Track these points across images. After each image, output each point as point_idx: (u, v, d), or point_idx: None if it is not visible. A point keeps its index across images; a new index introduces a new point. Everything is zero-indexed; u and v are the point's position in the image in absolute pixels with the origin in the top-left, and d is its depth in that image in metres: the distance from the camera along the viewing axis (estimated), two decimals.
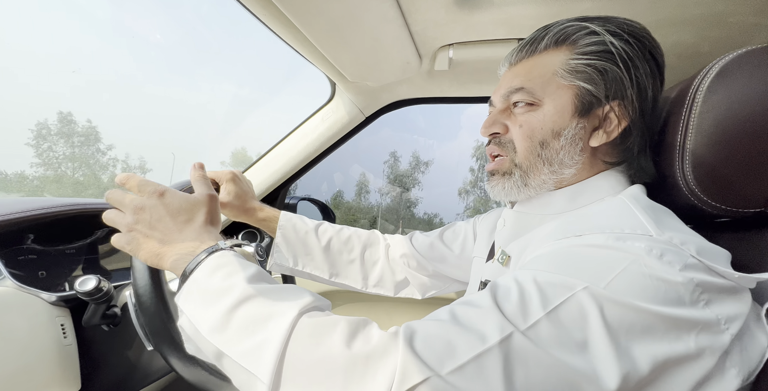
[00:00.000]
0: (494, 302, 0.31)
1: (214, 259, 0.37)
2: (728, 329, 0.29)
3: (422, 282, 0.70)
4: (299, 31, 0.61)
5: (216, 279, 0.35)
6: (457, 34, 0.67)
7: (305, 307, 0.32)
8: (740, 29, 0.57)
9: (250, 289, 0.34)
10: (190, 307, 0.35)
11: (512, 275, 0.33)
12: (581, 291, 0.29)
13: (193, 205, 0.42)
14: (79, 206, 0.64)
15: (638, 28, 0.42)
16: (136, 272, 0.45)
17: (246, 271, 0.36)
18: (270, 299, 0.33)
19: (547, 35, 0.43)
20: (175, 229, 0.40)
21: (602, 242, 0.33)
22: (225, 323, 0.32)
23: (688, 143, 0.39)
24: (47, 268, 0.62)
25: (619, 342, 0.28)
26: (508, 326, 0.28)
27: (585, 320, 0.28)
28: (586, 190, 0.43)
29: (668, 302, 0.29)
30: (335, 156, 1.05)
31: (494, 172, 0.48)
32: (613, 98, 0.41)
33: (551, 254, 0.35)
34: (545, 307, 0.29)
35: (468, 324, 0.29)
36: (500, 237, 0.51)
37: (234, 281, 0.35)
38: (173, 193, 0.42)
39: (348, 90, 0.88)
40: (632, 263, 0.30)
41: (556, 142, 0.42)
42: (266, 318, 0.32)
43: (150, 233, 0.40)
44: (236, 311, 0.32)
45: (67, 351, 0.52)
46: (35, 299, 0.52)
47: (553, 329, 0.28)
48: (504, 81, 0.47)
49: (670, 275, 0.29)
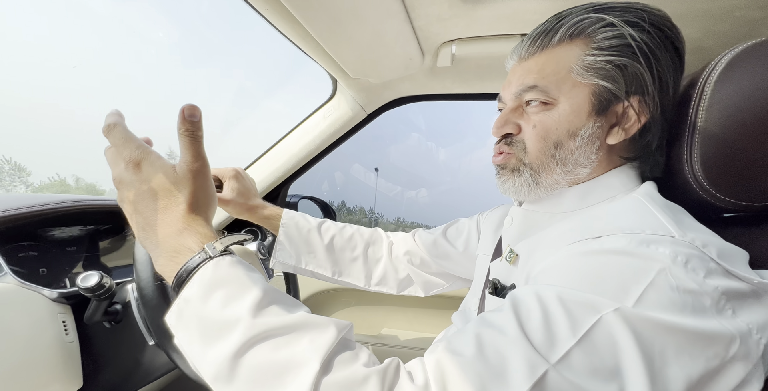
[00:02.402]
0: (520, 327, 0.28)
1: (208, 272, 0.31)
2: (761, 339, 0.28)
3: (426, 280, 0.70)
4: (301, 26, 0.60)
5: (213, 305, 0.29)
6: (460, 30, 0.66)
7: (328, 353, 0.28)
8: (746, 23, 0.56)
9: (258, 325, 0.28)
10: (185, 338, 0.30)
11: (534, 290, 0.31)
12: (611, 313, 0.27)
13: (174, 184, 0.34)
14: (80, 202, 0.64)
15: (658, 15, 0.39)
16: (139, 264, 0.45)
17: (249, 293, 0.30)
18: (284, 340, 0.28)
19: (561, 28, 0.40)
20: (154, 215, 0.33)
21: (624, 248, 0.31)
22: (231, 372, 0.27)
23: (697, 137, 0.38)
24: (48, 264, 0.62)
25: (653, 365, 0.26)
26: (540, 363, 0.26)
27: (617, 345, 0.27)
28: (598, 188, 0.42)
29: (699, 315, 0.27)
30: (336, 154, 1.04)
31: (503, 167, 0.46)
32: (634, 94, 0.39)
33: (571, 265, 0.33)
34: (575, 333, 0.27)
35: (497, 363, 0.27)
36: (508, 235, 0.50)
37: (237, 311, 0.29)
38: (152, 163, 0.34)
39: (350, 87, 0.87)
40: (659, 274, 0.29)
41: (572, 142, 0.41)
42: (281, 371, 0.27)
43: (132, 213, 0.34)
44: (243, 358, 0.28)
45: (68, 348, 0.52)
46: (36, 295, 0.52)
47: (584, 358, 0.27)
48: (514, 77, 0.44)
49: (696, 285, 0.28)
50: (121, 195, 0.34)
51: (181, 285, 0.31)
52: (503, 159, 0.45)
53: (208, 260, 0.31)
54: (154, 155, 0.35)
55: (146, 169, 0.34)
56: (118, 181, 0.34)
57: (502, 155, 0.45)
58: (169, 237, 0.33)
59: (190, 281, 0.31)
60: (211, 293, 0.30)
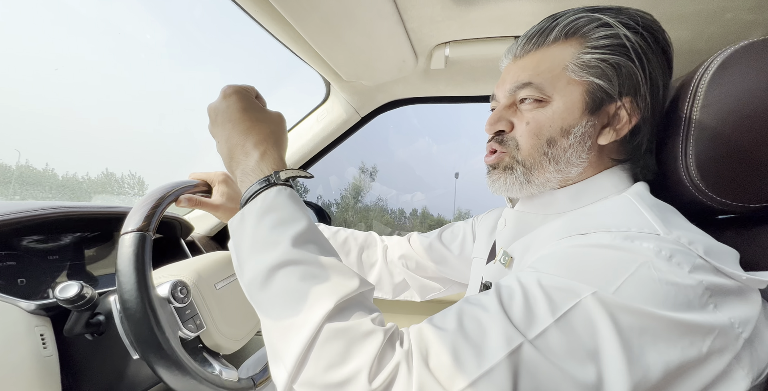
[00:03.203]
0: (501, 306, 0.30)
1: (269, 197, 0.37)
2: (742, 333, 0.29)
3: (421, 284, 0.69)
4: (293, 29, 0.60)
5: (265, 225, 0.35)
6: (454, 32, 0.66)
7: (344, 299, 0.31)
8: (737, 25, 0.57)
9: (293, 253, 0.33)
10: (238, 241, 0.37)
11: (516, 276, 0.32)
12: (589, 297, 0.28)
13: (264, 113, 0.43)
14: (62, 209, 0.61)
15: (651, 20, 0.40)
16: (122, 276, 0.43)
17: (294, 226, 0.35)
18: (311, 273, 0.32)
19: (556, 27, 0.40)
20: (237, 135, 0.41)
21: (609, 242, 0.32)
22: (263, 283, 0.33)
23: (691, 138, 0.38)
24: (28, 274, 0.59)
25: (632, 350, 0.27)
26: (516, 337, 0.28)
27: (595, 328, 0.27)
28: (589, 189, 0.42)
29: (679, 307, 0.28)
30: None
31: (495, 166, 0.45)
32: (626, 94, 0.40)
33: (555, 255, 0.34)
34: (553, 314, 0.28)
35: (476, 335, 0.29)
36: (501, 237, 0.50)
37: (280, 236, 0.34)
38: (244, 96, 0.43)
39: (343, 90, 0.87)
40: (641, 266, 0.29)
41: (565, 140, 0.41)
42: (300, 299, 0.31)
43: (216, 134, 0.43)
44: (275, 275, 0.32)
45: (46, 363, 0.49)
46: (12, 307, 0.49)
47: (562, 338, 0.27)
48: (509, 75, 0.44)
49: (679, 278, 0.29)
50: (211, 119, 0.43)
51: (246, 202, 0.38)
52: (496, 158, 0.45)
53: (272, 185, 0.38)
54: (248, 90, 0.44)
55: (236, 98, 0.42)
56: (211, 109, 0.43)
57: (495, 154, 0.45)
58: (250, 154, 0.40)
59: (255, 200, 0.37)
60: (265, 215, 0.36)
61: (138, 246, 0.44)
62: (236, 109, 0.42)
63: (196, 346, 0.53)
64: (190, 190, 0.55)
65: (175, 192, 0.52)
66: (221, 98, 0.43)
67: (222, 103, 0.42)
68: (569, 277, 0.30)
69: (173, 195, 0.51)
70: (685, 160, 0.39)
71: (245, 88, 0.44)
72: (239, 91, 0.43)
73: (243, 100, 0.42)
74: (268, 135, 0.41)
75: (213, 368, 0.51)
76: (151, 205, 0.48)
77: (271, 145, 0.41)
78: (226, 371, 0.51)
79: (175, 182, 0.54)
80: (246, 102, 0.42)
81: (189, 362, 0.45)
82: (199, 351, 0.53)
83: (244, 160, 0.40)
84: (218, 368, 0.51)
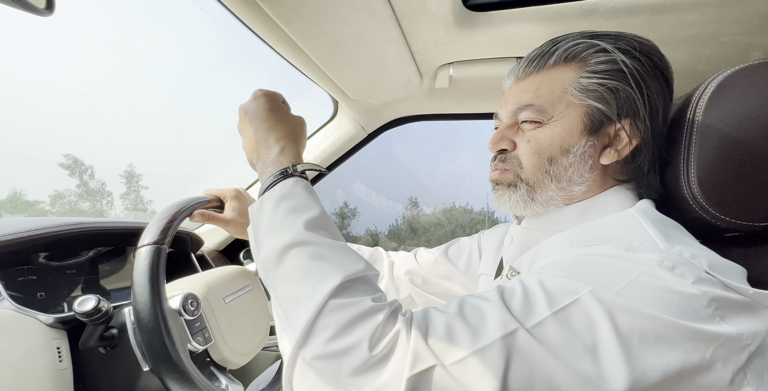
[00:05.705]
0: (501, 299, 0.31)
1: (286, 186, 0.40)
2: (749, 345, 0.28)
3: (428, 300, 0.69)
4: (303, 52, 0.63)
5: (281, 211, 0.38)
6: (457, 53, 0.68)
7: (349, 278, 0.33)
8: (735, 48, 0.58)
9: (305, 235, 0.36)
10: (257, 225, 0.39)
11: (519, 278, 0.33)
12: (588, 294, 0.29)
13: (287, 115, 0.47)
14: (81, 225, 0.64)
15: (648, 45, 0.41)
16: (137, 287, 0.44)
17: (307, 212, 0.38)
18: (320, 254, 0.35)
19: (556, 51, 0.42)
20: (262, 131, 0.44)
21: (611, 252, 0.33)
22: (276, 260, 0.35)
23: (692, 158, 0.39)
24: (47, 288, 0.61)
25: (631, 349, 0.27)
26: (512, 322, 0.29)
27: (593, 325, 0.28)
28: (595, 207, 0.43)
29: (683, 314, 0.28)
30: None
31: (499, 182, 0.47)
32: (625, 117, 0.41)
33: (559, 262, 0.35)
34: (551, 307, 0.29)
35: (474, 319, 0.30)
36: (508, 253, 0.50)
37: (294, 221, 0.37)
38: (272, 99, 0.47)
39: (350, 108, 0.89)
40: (643, 273, 0.30)
41: (565, 159, 0.42)
42: (308, 276, 0.33)
43: (243, 131, 0.47)
44: (288, 254, 0.35)
45: (61, 376, 0.50)
46: (32, 320, 0.51)
47: (559, 330, 0.28)
48: (511, 96, 0.46)
49: (683, 287, 0.29)
50: (240, 117, 0.47)
51: (266, 190, 0.41)
52: (499, 174, 0.46)
53: (290, 176, 0.41)
54: (275, 94, 0.48)
55: (265, 99, 0.46)
56: (242, 110, 0.47)
57: (498, 171, 0.47)
58: (271, 148, 0.44)
59: (273, 189, 0.40)
60: (281, 202, 0.39)
61: (153, 258, 0.46)
62: (264, 108, 0.46)
63: (204, 360, 0.54)
64: (203, 206, 0.57)
65: (190, 207, 0.54)
66: (252, 99, 0.47)
67: (252, 103, 0.47)
68: (570, 278, 0.31)
69: (188, 210, 0.53)
70: (687, 179, 0.39)
71: (274, 93, 0.48)
72: (268, 94, 0.47)
73: (270, 101, 0.47)
74: (289, 133, 0.45)
75: (220, 383, 0.52)
76: (168, 219, 0.50)
77: (291, 142, 0.44)
78: (233, 385, 0.51)
79: (190, 198, 0.56)
80: (273, 104, 0.47)
81: (197, 375, 0.45)
82: (207, 365, 0.54)
83: (265, 153, 0.44)
84: (225, 383, 0.52)
